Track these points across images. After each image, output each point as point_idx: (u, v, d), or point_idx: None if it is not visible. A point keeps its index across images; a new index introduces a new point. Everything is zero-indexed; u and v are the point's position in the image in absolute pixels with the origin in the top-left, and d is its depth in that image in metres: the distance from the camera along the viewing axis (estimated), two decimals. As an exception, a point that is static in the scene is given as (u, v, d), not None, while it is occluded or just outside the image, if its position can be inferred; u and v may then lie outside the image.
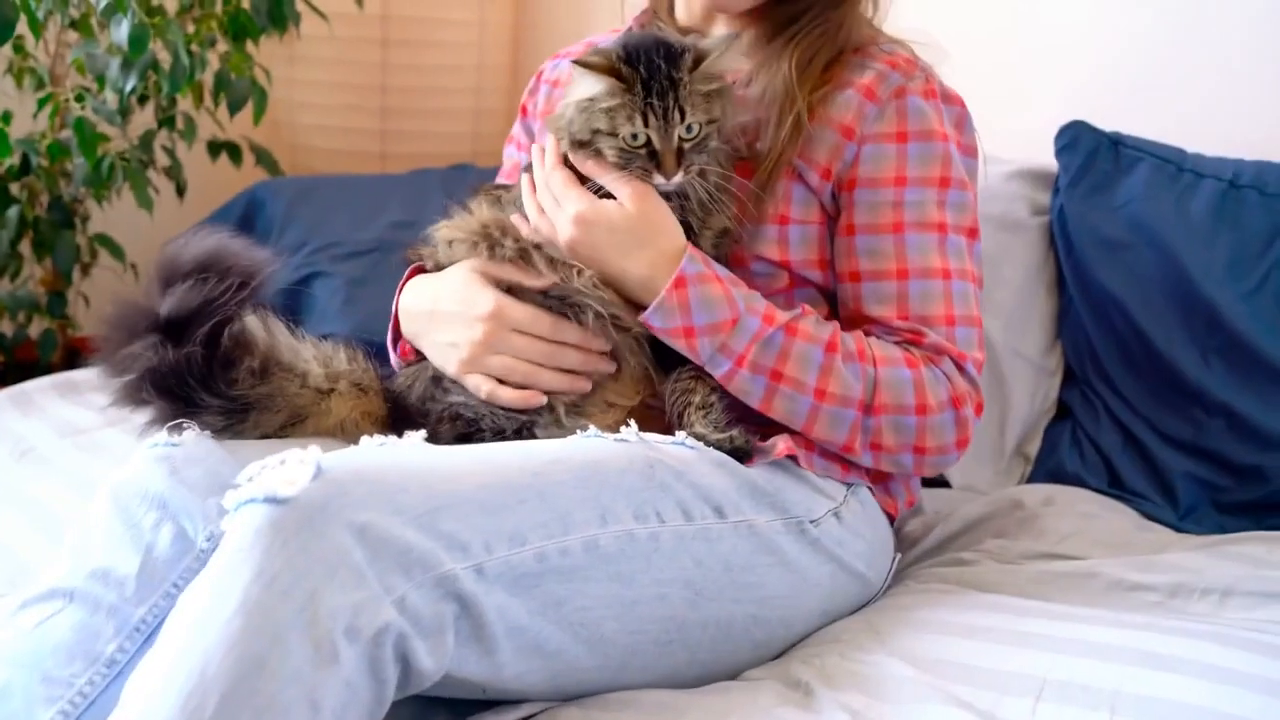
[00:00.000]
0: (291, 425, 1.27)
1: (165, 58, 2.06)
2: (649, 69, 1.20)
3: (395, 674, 0.95)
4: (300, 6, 2.21)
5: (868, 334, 1.28)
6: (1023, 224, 1.83)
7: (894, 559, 1.38)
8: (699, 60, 1.22)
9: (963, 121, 1.36)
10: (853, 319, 1.31)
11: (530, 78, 1.64)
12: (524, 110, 1.63)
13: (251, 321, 1.27)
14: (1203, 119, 1.89)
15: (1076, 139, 1.81)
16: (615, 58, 1.21)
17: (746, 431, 1.24)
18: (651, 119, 1.20)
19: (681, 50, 1.22)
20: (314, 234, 2.18)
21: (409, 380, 1.36)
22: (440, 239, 1.36)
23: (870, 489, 1.35)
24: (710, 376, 1.26)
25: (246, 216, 2.26)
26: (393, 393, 1.36)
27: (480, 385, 1.27)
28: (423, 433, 1.12)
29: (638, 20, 1.48)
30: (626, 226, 1.24)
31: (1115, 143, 1.81)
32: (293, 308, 2.10)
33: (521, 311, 1.26)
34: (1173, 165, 1.77)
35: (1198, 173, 1.75)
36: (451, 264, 1.33)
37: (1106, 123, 1.85)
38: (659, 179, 1.22)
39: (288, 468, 0.97)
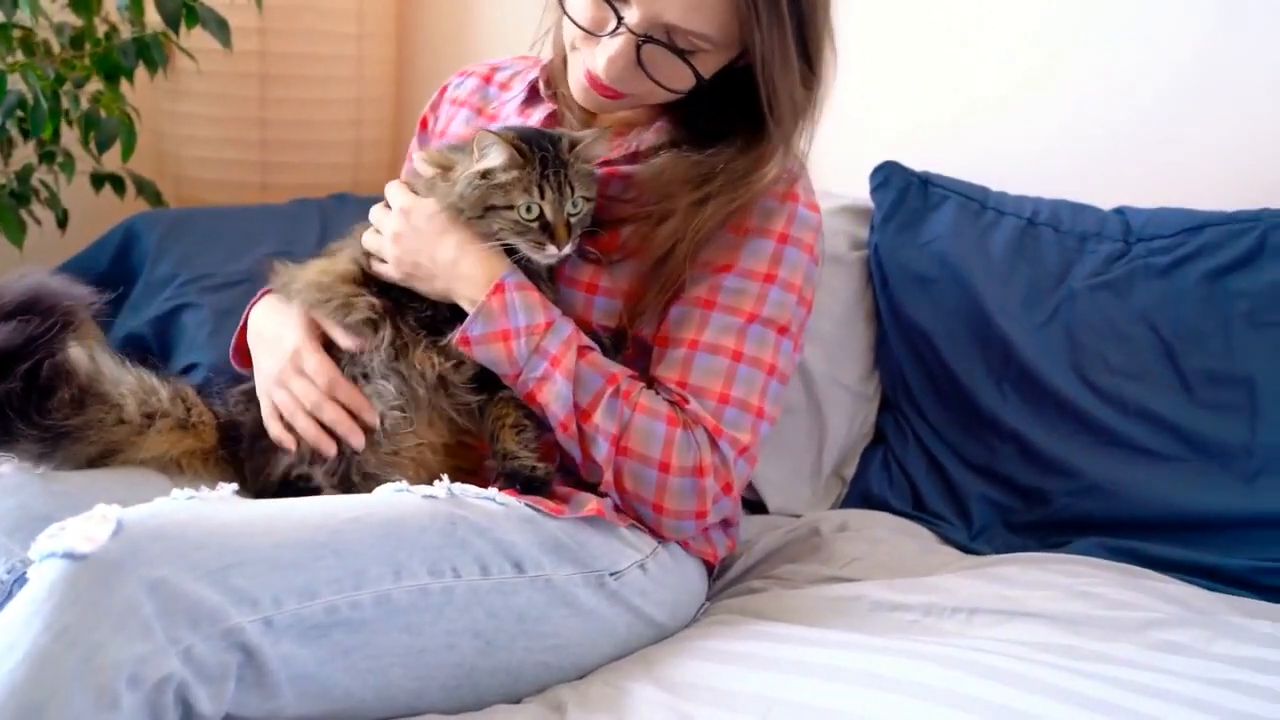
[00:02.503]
0: (106, 457, 1.32)
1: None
2: (541, 149, 1.31)
3: (176, 716, 1.01)
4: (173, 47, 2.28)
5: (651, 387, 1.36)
6: (843, 258, 1.93)
7: (701, 606, 1.46)
8: (574, 144, 1.33)
9: (819, 229, 1.43)
10: (647, 379, 1.38)
11: (413, 108, 1.71)
12: (424, 123, 1.70)
13: (75, 352, 1.32)
14: (1009, 159, 2.00)
15: (889, 178, 1.92)
16: (515, 135, 1.31)
17: (554, 471, 1.34)
18: (548, 191, 1.30)
19: (559, 136, 1.34)
20: (185, 266, 2.23)
21: (243, 404, 1.44)
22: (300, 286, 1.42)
23: (688, 539, 1.42)
24: (525, 404, 1.33)
25: (123, 248, 2.32)
26: (229, 420, 1.43)
27: (267, 414, 1.37)
28: (233, 485, 1.19)
29: (544, 71, 1.55)
30: (440, 210, 1.34)
31: (925, 181, 1.92)
32: (163, 338, 2.18)
33: (312, 360, 1.35)
34: (976, 203, 1.88)
35: (999, 210, 1.87)
36: None
37: (935, 162, 1.97)
38: (551, 249, 1.31)
39: (89, 524, 1.02)
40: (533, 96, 1.55)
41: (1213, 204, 1.82)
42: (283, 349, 1.38)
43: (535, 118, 1.51)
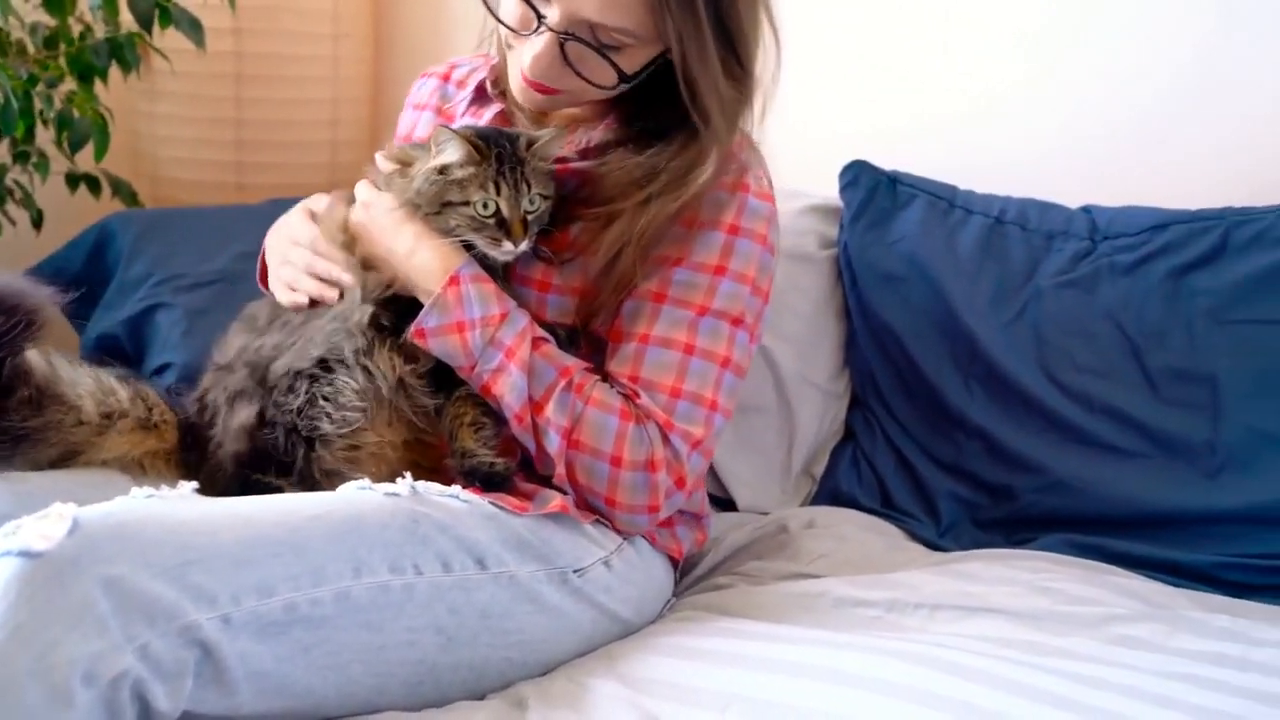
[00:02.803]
0: (68, 459, 1.31)
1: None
2: (498, 145, 1.32)
3: (133, 713, 1.01)
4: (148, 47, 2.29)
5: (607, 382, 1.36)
6: (812, 257, 1.94)
7: (668, 601, 1.47)
8: (531, 143, 1.34)
9: (772, 218, 1.42)
10: (604, 374, 1.39)
11: (389, 108, 1.73)
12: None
13: (30, 355, 1.31)
14: (978, 158, 2.01)
15: (858, 177, 1.93)
16: (473, 133, 1.32)
17: (514, 466, 1.33)
18: (503, 187, 1.31)
19: (517, 134, 1.35)
20: (160, 266, 2.23)
21: (198, 409, 1.43)
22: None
23: (655, 534, 1.43)
24: (483, 401, 1.34)
25: (98, 248, 2.31)
26: (188, 421, 1.42)
27: (280, 296, 1.42)
28: (194, 484, 1.18)
29: (493, 71, 1.55)
30: (398, 205, 1.36)
31: (893, 181, 1.92)
32: (136, 338, 2.18)
33: (300, 228, 1.44)
34: (945, 202, 1.89)
35: (967, 209, 1.88)
36: None
37: (917, 164, 1.98)
38: (508, 246, 1.32)
39: (45, 522, 1.02)
40: (481, 96, 1.55)
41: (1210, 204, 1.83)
42: (286, 234, 1.47)
43: (485, 117, 1.51)
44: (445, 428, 1.35)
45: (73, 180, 2.42)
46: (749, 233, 1.38)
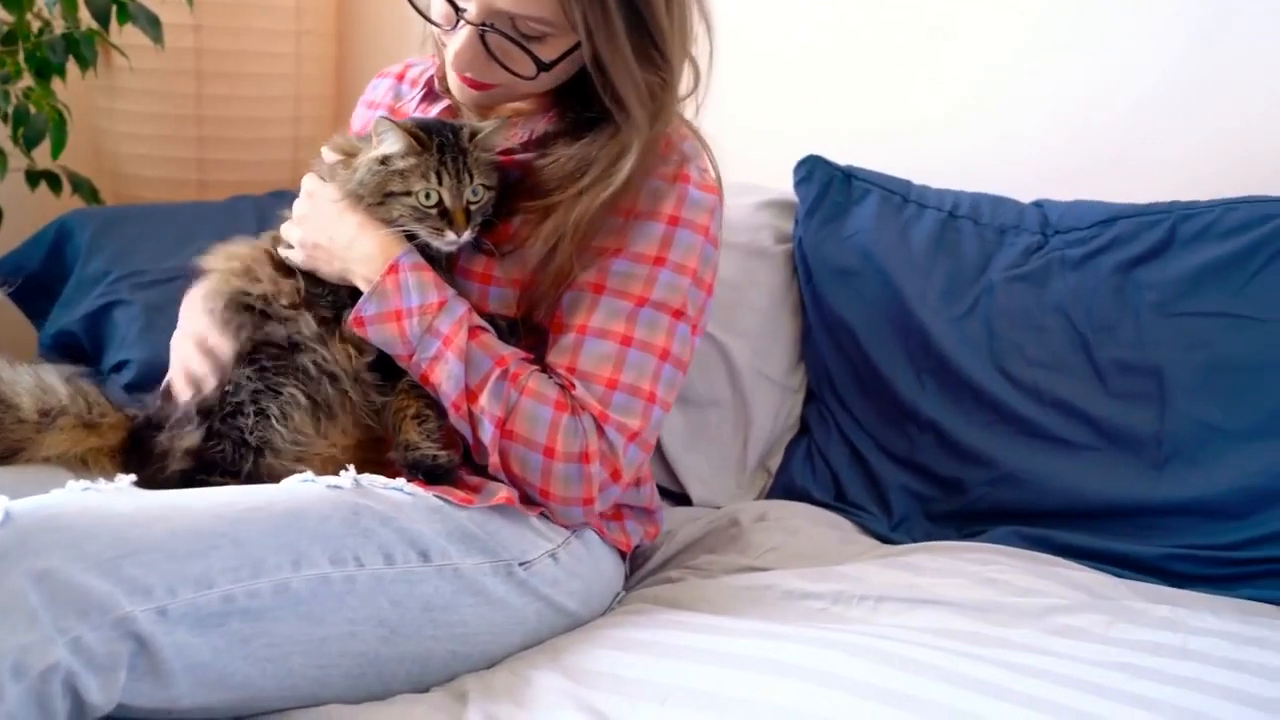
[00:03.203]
0: (9, 457, 1.31)
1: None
2: (441, 136, 1.32)
3: (65, 707, 1.01)
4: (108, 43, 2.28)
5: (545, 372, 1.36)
6: (768, 251, 1.94)
7: (617, 594, 1.47)
8: (475, 134, 1.34)
9: (715, 210, 1.41)
10: (543, 363, 1.39)
11: (353, 106, 1.73)
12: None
13: None
14: (931, 154, 2.01)
15: (812, 172, 1.93)
16: (414, 124, 1.33)
17: (457, 458, 1.34)
18: (445, 177, 1.31)
19: (460, 125, 1.35)
20: (118, 263, 2.22)
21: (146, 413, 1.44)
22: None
23: (604, 527, 1.44)
24: (426, 394, 1.34)
25: (56, 245, 2.30)
26: (135, 425, 1.42)
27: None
28: (132, 477, 1.18)
29: (440, 69, 1.54)
30: (340, 195, 1.36)
31: (848, 175, 1.93)
32: (94, 335, 2.17)
33: (195, 323, 1.45)
34: (899, 196, 1.89)
35: (921, 204, 1.88)
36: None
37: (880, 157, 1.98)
38: (450, 236, 1.32)
39: None
40: (431, 93, 1.56)
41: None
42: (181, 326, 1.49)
43: (433, 113, 1.52)
44: (389, 420, 1.35)
45: (32, 178, 2.41)
46: (689, 224, 1.38)
